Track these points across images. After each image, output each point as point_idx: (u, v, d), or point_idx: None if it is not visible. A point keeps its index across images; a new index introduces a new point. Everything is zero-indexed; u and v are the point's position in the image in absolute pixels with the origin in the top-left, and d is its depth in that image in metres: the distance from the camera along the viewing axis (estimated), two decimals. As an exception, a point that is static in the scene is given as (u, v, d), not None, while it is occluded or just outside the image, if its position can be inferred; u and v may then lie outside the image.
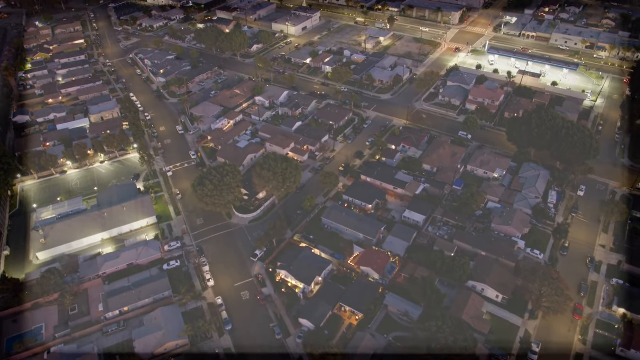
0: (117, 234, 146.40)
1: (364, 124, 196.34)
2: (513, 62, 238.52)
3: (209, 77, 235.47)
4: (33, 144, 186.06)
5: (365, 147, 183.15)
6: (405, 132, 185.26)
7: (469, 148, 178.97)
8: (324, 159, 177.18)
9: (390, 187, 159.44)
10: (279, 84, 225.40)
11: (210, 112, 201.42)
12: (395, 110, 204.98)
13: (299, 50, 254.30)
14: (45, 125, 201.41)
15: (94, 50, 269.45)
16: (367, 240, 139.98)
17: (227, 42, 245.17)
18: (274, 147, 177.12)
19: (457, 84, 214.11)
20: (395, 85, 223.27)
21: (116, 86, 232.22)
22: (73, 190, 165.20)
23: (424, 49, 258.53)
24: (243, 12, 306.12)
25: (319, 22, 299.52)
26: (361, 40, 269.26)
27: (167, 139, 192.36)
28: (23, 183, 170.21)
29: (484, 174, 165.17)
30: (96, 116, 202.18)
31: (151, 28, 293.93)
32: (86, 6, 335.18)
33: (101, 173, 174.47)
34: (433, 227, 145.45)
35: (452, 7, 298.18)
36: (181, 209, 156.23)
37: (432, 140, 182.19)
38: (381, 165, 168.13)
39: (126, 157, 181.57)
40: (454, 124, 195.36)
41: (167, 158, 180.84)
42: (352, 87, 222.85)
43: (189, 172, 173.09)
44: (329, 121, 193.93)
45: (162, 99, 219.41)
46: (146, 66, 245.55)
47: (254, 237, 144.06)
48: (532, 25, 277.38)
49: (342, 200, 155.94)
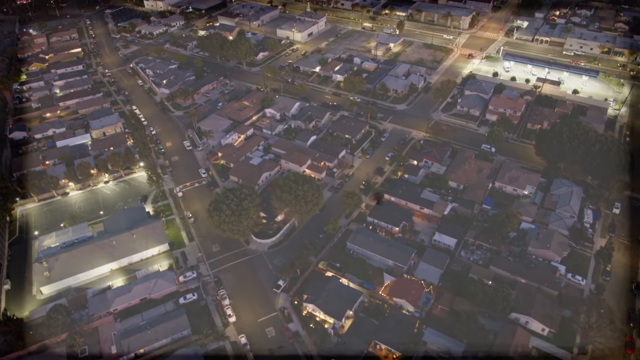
0: (127, 263, 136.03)
1: (381, 136, 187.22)
2: (529, 68, 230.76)
3: (214, 88, 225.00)
4: (31, 163, 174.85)
5: (385, 162, 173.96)
6: (426, 146, 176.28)
7: (494, 162, 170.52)
8: (342, 176, 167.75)
9: (416, 207, 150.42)
10: (288, 94, 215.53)
11: (219, 126, 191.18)
12: (412, 122, 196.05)
13: (307, 58, 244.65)
14: (44, 141, 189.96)
15: (91, 60, 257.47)
16: (397, 267, 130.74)
17: (233, 50, 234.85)
18: (290, 164, 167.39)
19: (475, 93, 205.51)
20: (410, 95, 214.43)
21: (117, 98, 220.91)
22: (77, 214, 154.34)
23: (436, 55, 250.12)
24: (246, 17, 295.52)
25: (325, 27, 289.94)
26: (370, 47, 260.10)
27: (174, 155, 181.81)
28: (22, 207, 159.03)
29: (513, 191, 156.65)
30: (98, 131, 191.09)
31: (151, 35, 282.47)
32: (81, 12, 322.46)
33: (106, 194, 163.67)
34: (466, 251, 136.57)
35: (462, 11, 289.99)
36: (194, 234, 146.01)
37: (455, 154, 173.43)
38: (405, 184, 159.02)
39: (132, 177, 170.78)
40: (475, 136, 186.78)
41: (175, 177, 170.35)
42: (365, 96, 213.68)
43: (200, 192, 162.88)
44: (345, 135, 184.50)
45: (167, 112, 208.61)
46: (148, 76, 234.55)
47: (275, 265, 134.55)
48: (545, 29, 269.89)
49: (367, 222, 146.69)
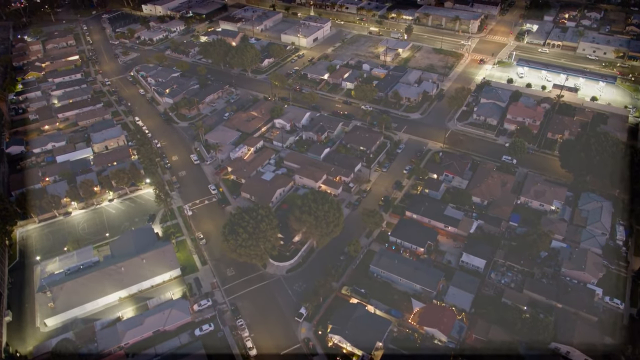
0: (137, 290, 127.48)
1: (397, 148, 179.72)
2: (544, 74, 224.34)
3: (219, 97, 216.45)
4: (31, 179, 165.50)
5: (402, 176, 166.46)
6: (446, 158, 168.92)
7: (516, 175, 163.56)
8: (359, 192, 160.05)
9: (440, 225, 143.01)
10: (297, 103, 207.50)
11: (227, 139, 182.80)
12: (428, 132, 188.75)
13: (314, 65, 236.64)
14: (43, 156, 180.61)
15: (90, 67, 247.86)
16: (425, 292, 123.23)
17: (238, 57, 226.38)
18: (304, 179, 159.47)
19: (492, 101, 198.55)
20: (424, 103, 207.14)
21: (118, 108, 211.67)
22: (81, 236, 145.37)
23: (447, 60, 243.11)
24: (248, 22, 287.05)
25: (330, 32, 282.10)
26: (378, 52, 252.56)
27: (181, 170, 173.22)
28: (22, 228, 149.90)
29: (539, 207, 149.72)
30: (100, 145, 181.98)
31: (150, 41, 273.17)
32: (78, 17, 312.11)
33: (111, 214, 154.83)
34: (496, 273, 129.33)
35: (470, 15, 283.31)
36: (207, 257, 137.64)
37: (476, 167, 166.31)
38: (427, 200, 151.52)
39: (138, 194, 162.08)
40: (495, 147, 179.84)
41: (184, 194, 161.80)
42: (377, 105, 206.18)
43: (211, 210, 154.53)
44: (360, 146, 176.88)
45: (171, 123, 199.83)
46: (150, 85, 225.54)
47: (296, 290, 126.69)
48: (556, 33, 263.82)
49: (389, 242, 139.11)
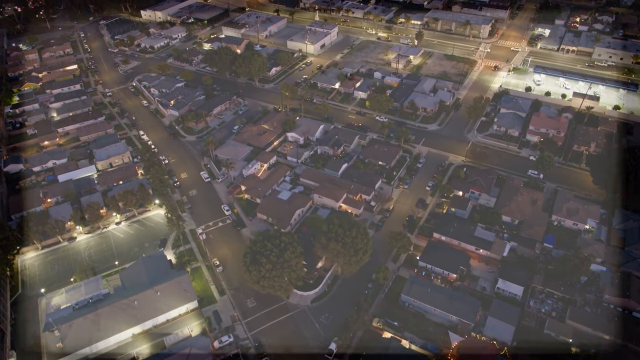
0: (152, 325, 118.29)
1: (417, 162, 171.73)
2: (562, 82, 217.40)
3: (227, 108, 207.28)
4: (31, 201, 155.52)
5: (426, 192, 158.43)
6: (471, 174, 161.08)
7: (545, 191, 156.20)
8: (382, 211, 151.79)
9: (470, 248, 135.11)
10: (309, 114, 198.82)
11: (239, 154, 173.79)
12: (447, 144, 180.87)
13: (324, 73, 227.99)
14: (44, 175, 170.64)
15: (89, 77, 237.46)
16: (462, 323, 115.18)
17: (245, 66, 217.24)
18: (324, 198, 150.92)
19: (512, 111, 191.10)
20: (440, 113, 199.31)
21: (121, 121, 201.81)
22: (87, 264, 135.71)
23: (460, 67, 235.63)
24: (252, 28, 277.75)
25: (337, 38, 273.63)
26: (388, 59, 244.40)
27: (191, 188, 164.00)
28: (24, 256, 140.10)
29: (573, 226, 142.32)
30: (103, 162, 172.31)
31: (151, 49, 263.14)
32: (74, 24, 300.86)
33: (118, 238, 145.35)
34: (535, 300, 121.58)
35: (480, 19, 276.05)
36: (225, 287, 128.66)
37: (502, 182, 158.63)
38: (454, 219, 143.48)
39: (146, 216, 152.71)
40: (518, 160, 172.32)
41: (195, 215, 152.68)
42: (393, 116, 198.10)
43: (226, 233, 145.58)
44: (378, 161, 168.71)
45: (177, 137, 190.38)
46: (153, 96, 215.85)
47: (323, 322, 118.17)
48: (569, 38, 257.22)
49: (418, 268, 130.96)
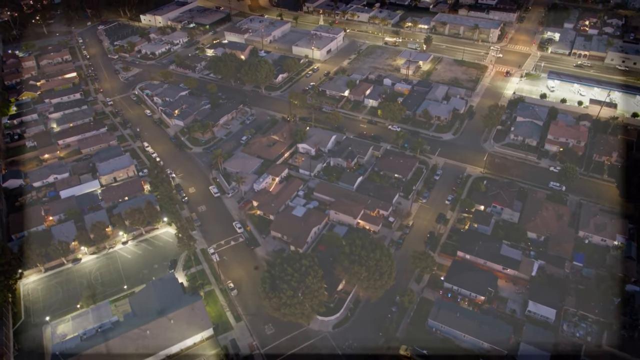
0: (165, 356, 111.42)
1: (434, 174, 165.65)
2: (576, 88, 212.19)
3: (234, 118, 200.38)
4: (32, 219, 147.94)
5: (445, 207, 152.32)
6: (492, 187, 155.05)
7: (568, 204, 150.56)
8: (400, 227, 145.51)
9: (497, 268, 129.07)
10: (320, 124, 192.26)
11: (249, 167, 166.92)
12: (464, 155, 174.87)
13: (332, 80, 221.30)
14: (45, 190, 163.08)
15: (89, 85, 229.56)
16: (494, 350, 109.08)
17: (251, 74, 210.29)
18: (340, 215, 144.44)
19: (529, 120, 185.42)
20: (454, 122, 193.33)
21: (124, 132, 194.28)
22: (94, 289, 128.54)
23: (470, 73, 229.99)
24: (256, 33, 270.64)
25: (343, 42, 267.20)
26: (397, 65, 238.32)
27: (200, 204, 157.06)
28: (26, 279, 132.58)
29: (601, 242, 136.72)
30: (107, 177, 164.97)
31: (153, 55, 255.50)
32: (72, 29, 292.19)
33: (126, 259, 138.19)
34: (568, 324, 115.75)
35: (489, 23, 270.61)
36: (241, 312, 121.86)
37: (524, 195, 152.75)
38: (477, 236, 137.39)
39: (154, 234, 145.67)
40: (539, 171, 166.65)
41: (206, 233, 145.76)
42: (405, 125, 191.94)
43: (239, 252, 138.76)
44: (394, 174, 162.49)
45: (183, 149, 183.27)
46: (156, 105, 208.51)
47: (347, 350, 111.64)
48: (580, 42, 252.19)
49: (443, 289, 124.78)
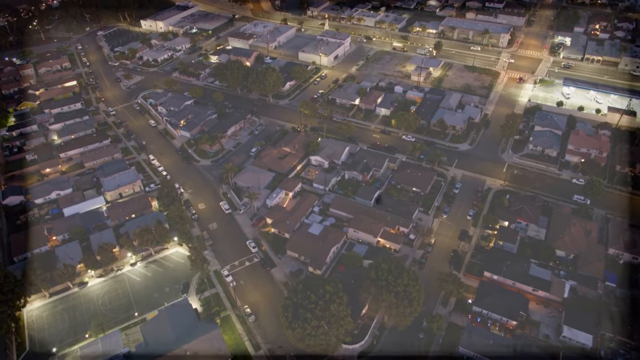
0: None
1: (453, 188, 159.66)
2: (593, 95, 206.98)
3: (242, 128, 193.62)
4: (35, 239, 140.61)
5: (467, 223, 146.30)
6: (514, 200, 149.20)
7: (593, 218, 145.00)
8: (422, 245, 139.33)
9: (527, 289, 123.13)
10: (331, 134, 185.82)
11: (260, 181, 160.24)
12: (482, 166, 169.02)
13: (342, 88, 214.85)
14: (47, 208, 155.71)
15: (90, 94, 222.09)
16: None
17: (259, 82, 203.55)
18: (360, 233, 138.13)
19: (548, 129, 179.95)
20: (470, 131, 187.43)
21: (128, 144, 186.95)
22: (102, 315, 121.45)
23: (483, 79, 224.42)
24: (260, 38, 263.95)
25: (350, 48, 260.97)
26: (407, 71, 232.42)
27: (211, 221, 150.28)
28: (30, 305, 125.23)
29: (633, 260, 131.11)
30: (113, 193, 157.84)
31: (155, 62, 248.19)
32: (70, 35, 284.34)
33: (135, 282, 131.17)
34: (606, 350, 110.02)
35: (499, 28, 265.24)
36: (259, 340, 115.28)
37: (548, 210, 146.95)
38: (503, 255, 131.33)
39: (164, 255, 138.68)
40: (561, 183, 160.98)
41: (218, 253, 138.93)
42: (420, 134, 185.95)
43: (254, 274, 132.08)
44: (412, 187, 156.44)
45: (191, 162, 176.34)
46: (160, 115, 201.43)
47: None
48: (593, 46, 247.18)
49: (472, 313, 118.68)
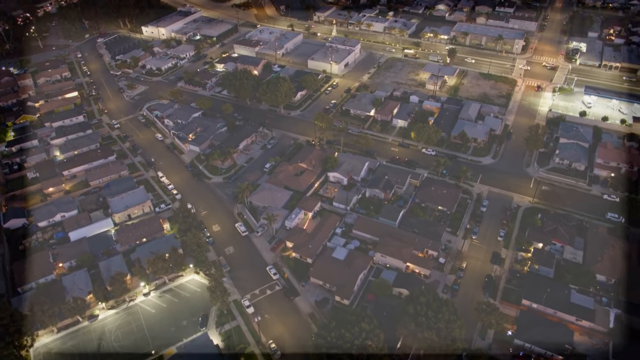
0: None
1: (480, 205, 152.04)
2: (616, 104, 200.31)
3: (253, 141, 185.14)
4: (40, 267, 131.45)
5: (498, 244, 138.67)
6: (547, 220, 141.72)
7: (630, 238, 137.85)
8: (453, 269, 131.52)
9: (569, 319, 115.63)
10: (348, 148, 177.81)
11: (277, 200, 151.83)
12: (508, 181, 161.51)
13: (356, 98, 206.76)
14: (51, 231, 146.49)
15: (92, 106, 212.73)
16: None
17: (271, 93, 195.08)
18: (388, 258, 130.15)
19: (574, 141, 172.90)
20: (491, 143, 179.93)
21: (134, 160, 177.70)
22: (115, 352, 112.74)
23: (500, 88, 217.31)
24: (267, 45, 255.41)
25: (360, 55, 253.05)
26: (421, 79, 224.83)
27: (226, 244, 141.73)
28: (37, 341, 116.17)
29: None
30: (121, 214, 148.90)
31: (158, 71, 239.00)
32: (69, 42, 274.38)
33: (149, 314, 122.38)
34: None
35: (513, 33, 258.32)
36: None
37: (584, 230, 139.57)
38: (543, 281, 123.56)
39: (179, 283, 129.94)
40: (591, 200, 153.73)
41: (237, 280, 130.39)
42: (440, 147, 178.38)
43: (277, 304, 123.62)
44: (438, 206, 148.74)
45: (202, 178, 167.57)
46: (167, 128, 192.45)
47: None
48: (610, 52, 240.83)
49: (513, 347, 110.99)
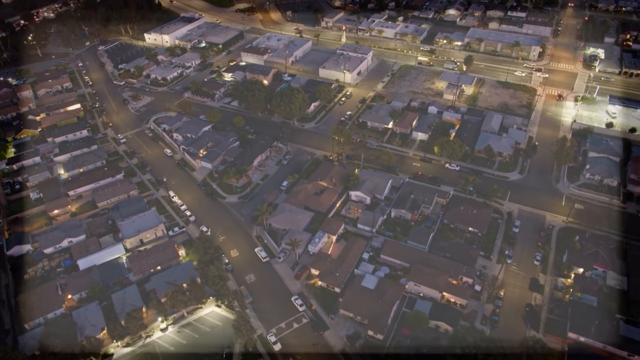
0: None
1: (512, 226, 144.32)
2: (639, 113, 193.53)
3: (268, 157, 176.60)
4: (48, 300, 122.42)
5: (535, 269, 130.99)
6: (586, 242, 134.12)
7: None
8: (490, 298, 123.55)
9: (621, 354, 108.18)
10: (368, 163, 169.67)
11: (298, 223, 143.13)
12: (538, 199, 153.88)
13: (373, 110, 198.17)
14: (58, 259, 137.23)
15: (96, 119, 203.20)
16: None
17: (285, 105, 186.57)
18: (422, 287, 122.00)
19: (604, 155, 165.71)
20: (517, 157, 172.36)
21: (143, 178, 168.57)
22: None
23: (520, 97, 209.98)
24: (276, 53, 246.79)
25: (372, 63, 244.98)
26: (437, 88, 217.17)
27: (247, 272, 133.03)
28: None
29: None
30: (133, 239, 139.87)
31: (164, 81, 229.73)
32: (69, 50, 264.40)
33: (168, 352, 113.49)
34: None
35: (528, 39, 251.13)
36: None
37: (624, 252, 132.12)
38: (588, 311, 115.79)
39: (198, 316, 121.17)
40: (628, 219, 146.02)
41: (260, 312, 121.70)
42: (464, 162, 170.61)
43: (305, 339, 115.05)
44: (468, 227, 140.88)
45: (216, 198, 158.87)
46: (176, 142, 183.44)
47: None
48: (629, 59, 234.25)
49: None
